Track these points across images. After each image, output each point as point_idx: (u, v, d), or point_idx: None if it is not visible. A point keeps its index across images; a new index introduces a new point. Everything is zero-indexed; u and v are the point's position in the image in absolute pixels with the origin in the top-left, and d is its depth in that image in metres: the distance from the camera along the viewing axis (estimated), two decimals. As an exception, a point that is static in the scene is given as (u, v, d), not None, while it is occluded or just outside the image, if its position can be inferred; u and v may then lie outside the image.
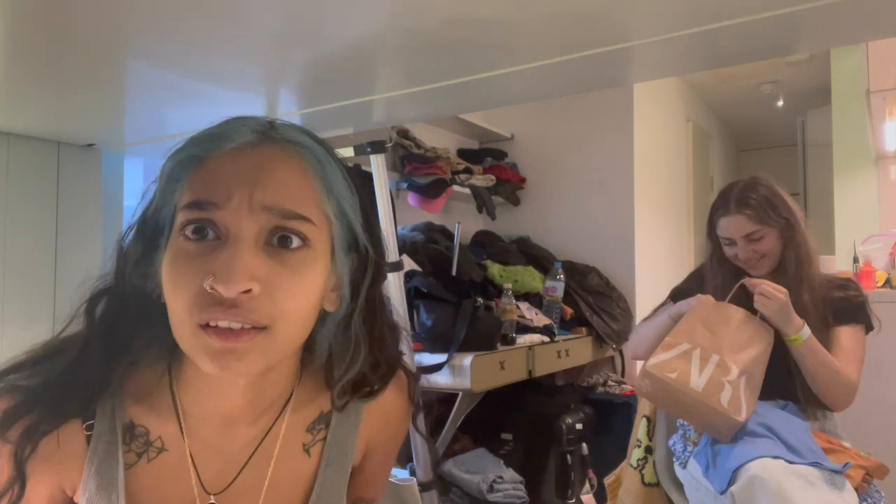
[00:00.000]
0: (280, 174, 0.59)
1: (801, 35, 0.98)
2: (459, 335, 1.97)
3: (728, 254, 1.69)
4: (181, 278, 0.57)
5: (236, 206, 0.57)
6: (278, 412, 0.69)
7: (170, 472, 0.65)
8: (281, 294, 0.57)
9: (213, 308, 0.55)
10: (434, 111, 1.65)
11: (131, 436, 0.65)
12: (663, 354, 1.46)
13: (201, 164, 0.59)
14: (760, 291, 1.53)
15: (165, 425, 0.65)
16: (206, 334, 0.56)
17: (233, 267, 0.55)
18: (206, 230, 0.57)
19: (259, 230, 0.58)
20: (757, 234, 1.61)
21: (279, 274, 0.58)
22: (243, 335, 0.56)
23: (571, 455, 2.49)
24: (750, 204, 1.62)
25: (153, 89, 1.16)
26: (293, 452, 0.70)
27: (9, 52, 0.97)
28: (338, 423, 0.73)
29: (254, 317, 0.56)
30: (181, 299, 0.56)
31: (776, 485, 1.27)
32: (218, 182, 0.58)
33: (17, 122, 1.37)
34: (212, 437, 0.66)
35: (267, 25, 0.90)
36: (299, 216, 0.59)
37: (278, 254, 0.58)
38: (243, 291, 0.55)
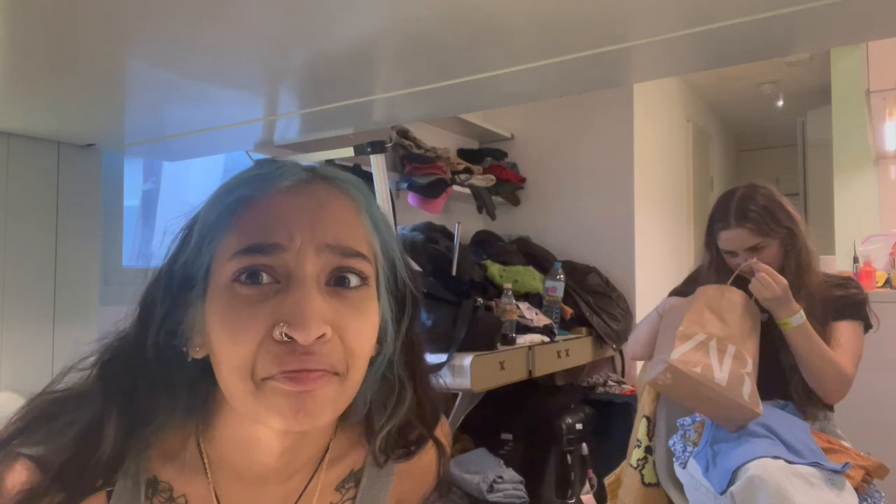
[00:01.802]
0: (337, 212, 0.57)
1: (801, 35, 0.98)
2: (459, 335, 1.97)
3: (730, 264, 1.69)
4: (241, 328, 0.52)
5: (300, 246, 0.53)
6: (312, 471, 0.65)
7: None
8: (350, 336, 0.54)
9: (286, 357, 0.51)
10: (434, 111, 1.65)
11: (153, 491, 0.60)
12: (682, 347, 1.46)
13: (250, 206, 0.55)
14: (759, 278, 1.53)
15: (191, 483, 0.61)
16: (277, 382, 0.51)
17: (306, 311, 0.51)
18: (259, 274, 0.53)
19: (321, 271, 0.54)
20: (759, 246, 1.61)
21: (345, 315, 0.54)
22: (320, 378, 0.52)
23: (571, 455, 2.49)
24: (750, 216, 1.61)
25: (153, 89, 1.16)
26: None
27: (9, 52, 0.97)
28: (369, 484, 0.68)
29: (329, 361, 0.53)
30: (244, 349, 0.52)
31: (776, 485, 1.27)
32: (276, 223, 0.54)
33: (17, 122, 1.37)
34: (241, 496, 0.62)
35: (267, 25, 0.90)
36: (359, 254, 0.56)
37: (339, 294, 0.55)
38: (319, 336, 0.51)
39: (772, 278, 1.52)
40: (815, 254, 1.66)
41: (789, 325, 1.53)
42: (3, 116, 1.32)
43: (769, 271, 1.53)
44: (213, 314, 0.54)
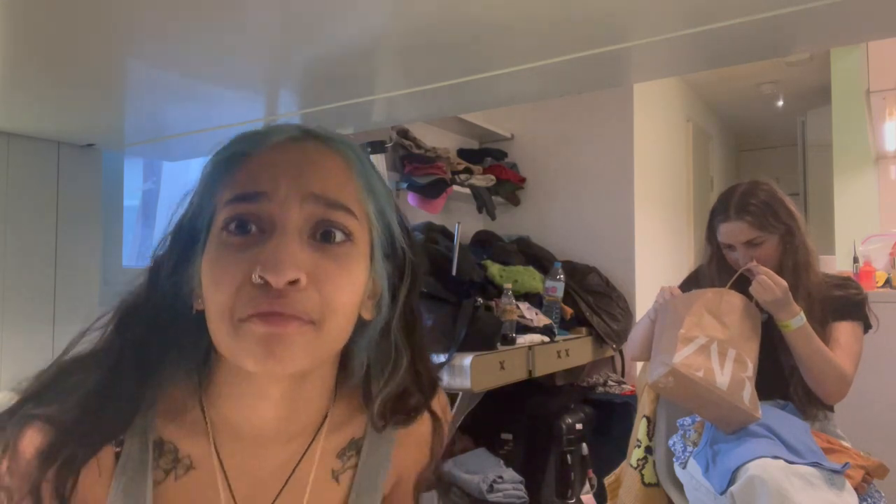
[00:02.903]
0: (325, 165, 0.59)
1: (801, 35, 0.98)
2: (459, 335, 1.97)
3: (728, 258, 1.69)
4: (224, 272, 0.54)
5: (284, 195, 0.56)
6: (312, 435, 0.66)
7: (198, 492, 0.62)
8: (329, 288, 0.55)
9: (259, 299, 0.53)
10: (434, 111, 1.65)
11: (159, 452, 0.62)
12: (684, 350, 1.46)
13: (245, 161, 0.58)
14: (759, 281, 1.53)
15: (195, 442, 0.62)
16: (251, 323, 0.53)
17: (280, 255, 0.53)
18: (249, 225, 0.56)
19: (304, 221, 0.56)
20: (757, 240, 1.61)
21: (325, 267, 0.56)
22: (291, 322, 0.53)
23: (571, 455, 2.48)
24: (750, 210, 1.61)
25: (153, 89, 1.16)
26: (323, 480, 0.67)
27: (9, 52, 0.97)
28: (370, 451, 0.69)
29: (302, 306, 0.54)
30: (224, 293, 0.54)
31: (775, 485, 1.27)
32: (264, 173, 0.57)
33: (17, 122, 1.37)
34: (243, 457, 0.63)
35: (267, 26, 0.90)
36: (344, 207, 0.58)
37: (323, 247, 0.56)
38: (291, 282, 0.53)
39: (772, 281, 1.52)
40: (815, 253, 1.66)
41: (790, 328, 1.53)
42: (3, 116, 1.32)
43: (769, 274, 1.53)
44: (206, 262, 0.57)
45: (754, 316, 1.57)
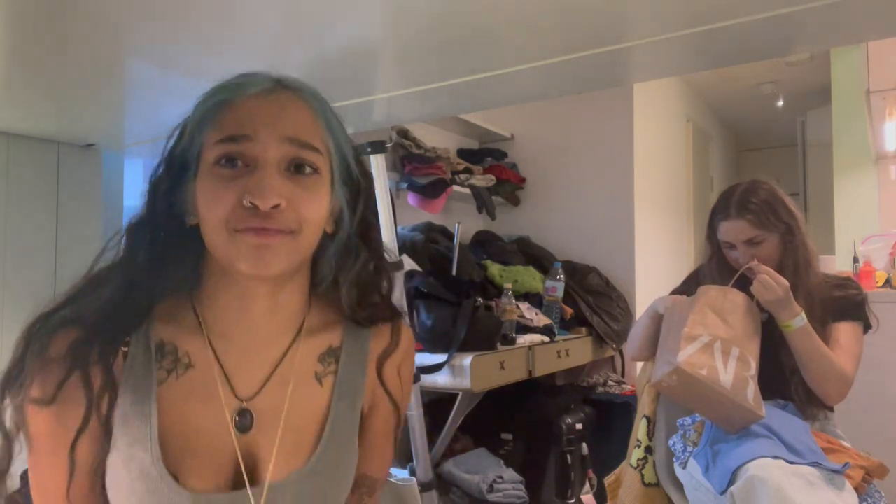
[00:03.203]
0: (295, 112, 0.71)
1: (801, 35, 0.98)
2: (459, 335, 1.97)
3: (728, 257, 1.69)
4: (219, 196, 0.67)
5: (263, 138, 0.68)
6: (293, 337, 0.78)
7: (197, 387, 0.72)
8: (301, 206, 0.69)
9: (250, 218, 0.66)
10: (434, 111, 1.65)
11: (162, 353, 0.73)
12: (688, 348, 1.45)
13: (229, 107, 0.70)
14: (761, 280, 1.53)
15: (192, 341, 0.73)
16: (244, 234, 0.67)
17: (265, 185, 0.66)
18: (236, 160, 0.68)
19: (281, 158, 0.69)
20: (757, 238, 1.61)
21: (298, 193, 0.69)
22: (276, 235, 0.67)
23: (571, 455, 2.48)
24: (751, 208, 1.61)
25: (153, 89, 1.16)
26: (307, 379, 0.78)
27: (9, 52, 0.97)
28: (347, 359, 0.81)
29: (284, 223, 0.68)
30: (219, 212, 0.67)
31: (775, 485, 1.27)
32: (246, 119, 0.69)
33: (17, 122, 1.37)
34: (234, 354, 0.74)
35: (267, 26, 0.90)
36: (312, 146, 0.71)
37: (295, 178, 0.70)
38: (273, 206, 0.66)
39: (774, 280, 1.52)
40: (815, 253, 1.66)
41: (791, 328, 1.53)
42: (3, 116, 1.32)
43: (771, 273, 1.53)
44: (201, 187, 0.69)
45: (756, 315, 1.57)
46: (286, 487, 0.72)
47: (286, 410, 0.74)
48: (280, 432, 0.74)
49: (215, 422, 0.72)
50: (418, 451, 1.83)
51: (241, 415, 0.73)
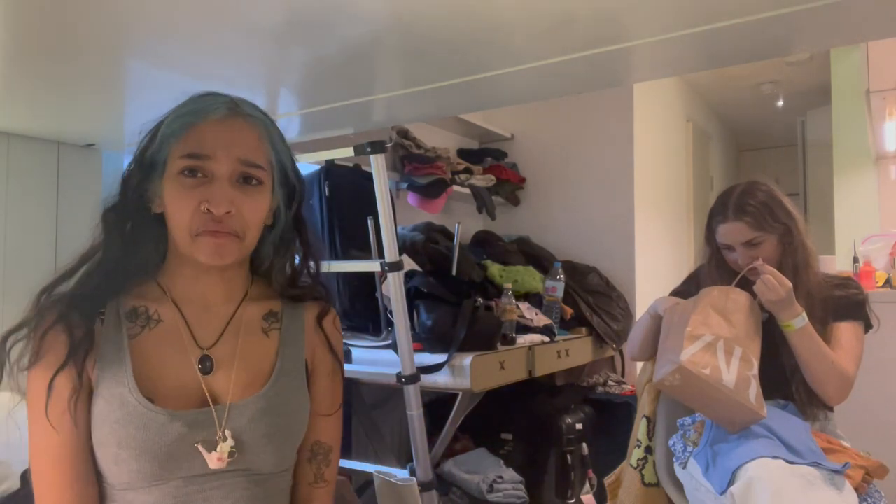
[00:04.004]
0: (245, 138, 0.90)
1: (801, 35, 0.98)
2: (459, 335, 1.97)
3: (728, 259, 1.69)
4: (183, 201, 0.87)
5: (220, 157, 0.87)
6: (239, 301, 0.98)
7: (167, 336, 0.92)
8: (246, 213, 0.89)
9: (207, 222, 0.86)
10: (434, 111, 1.65)
11: (135, 315, 0.92)
12: (691, 347, 1.45)
13: (192, 128, 0.88)
14: (765, 280, 1.53)
15: (160, 305, 0.93)
16: (203, 237, 0.86)
17: (218, 196, 0.86)
18: (197, 172, 0.87)
19: (231, 173, 0.88)
20: (756, 240, 1.61)
21: (245, 201, 0.89)
22: (228, 237, 0.88)
23: (571, 455, 2.48)
24: (748, 210, 1.61)
25: (153, 89, 1.16)
26: (255, 331, 0.97)
27: (9, 52, 0.97)
28: (287, 321, 1.00)
29: (232, 227, 0.88)
30: (184, 214, 0.86)
31: (775, 485, 1.27)
32: (207, 142, 0.87)
33: (18, 122, 1.37)
34: (195, 313, 0.94)
35: (267, 26, 0.90)
36: (257, 165, 0.90)
37: (243, 188, 0.89)
38: (226, 212, 0.86)
39: (777, 281, 1.51)
40: (815, 253, 1.66)
41: (792, 328, 1.53)
42: (4, 116, 1.32)
43: (775, 273, 1.53)
44: (168, 190, 0.88)
45: (758, 315, 1.57)
46: (244, 407, 0.90)
47: (239, 354, 0.93)
48: (235, 370, 0.92)
49: (183, 365, 0.90)
50: (418, 451, 1.83)
51: (202, 361, 0.91)
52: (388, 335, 2.08)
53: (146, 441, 0.83)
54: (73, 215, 1.53)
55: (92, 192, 1.57)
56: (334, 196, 2.13)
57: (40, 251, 1.49)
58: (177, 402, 0.87)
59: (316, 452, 1.01)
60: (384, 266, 1.75)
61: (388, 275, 1.75)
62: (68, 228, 1.52)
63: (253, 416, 0.90)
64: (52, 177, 1.51)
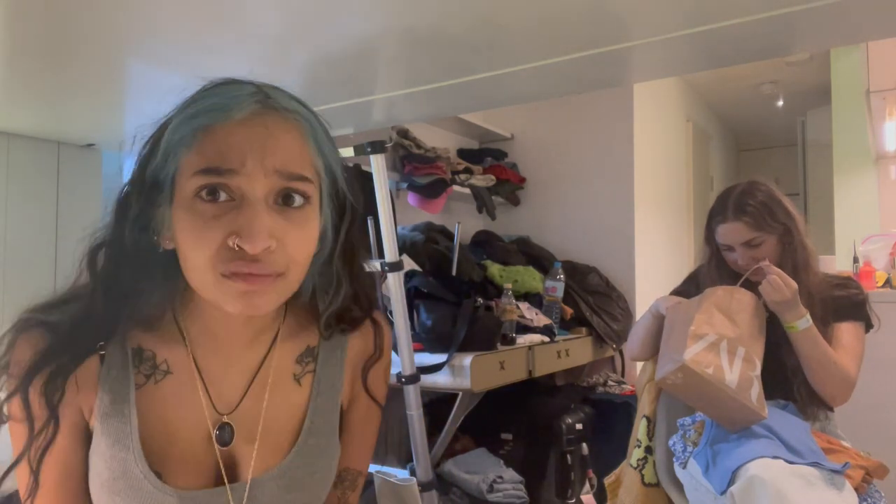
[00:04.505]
0: (284, 141, 0.66)
1: (801, 35, 0.98)
2: (459, 335, 1.97)
3: (727, 259, 1.69)
4: (203, 235, 0.63)
5: (251, 170, 0.63)
6: (270, 344, 0.78)
7: (176, 394, 0.73)
8: (291, 246, 0.65)
9: (237, 262, 0.63)
10: (434, 111, 1.65)
11: (140, 359, 0.72)
12: (694, 346, 1.45)
13: (209, 132, 0.64)
14: (771, 281, 1.52)
15: (171, 350, 0.73)
16: (232, 280, 0.63)
17: (254, 227, 0.62)
18: (218, 192, 0.63)
19: (269, 191, 0.64)
20: (755, 240, 1.60)
21: (289, 230, 0.65)
22: (266, 279, 0.64)
23: (571, 455, 2.48)
24: (748, 211, 1.61)
25: (153, 89, 1.16)
26: (285, 381, 0.78)
27: (9, 52, 0.97)
28: (325, 357, 0.81)
29: (273, 267, 0.64)
30: (204, 253, 0.63)
31: (775, 485, 1.27)
32: (231, 150, 0.63)
33: (18, 122, 1.37)
34: (214, 362, 0.74)
35: (267, 26, 0.90)
36: (302, 177, 0.66)
37: (285, 211, 0.65)
38: (265, 248, 0.63)
39: (783, 281, 1.51)
40: (814, 253, 1.66)
41: (796, 329, 1.53)
42: (4, 116, 1.32)
43: (781, 274, 1.52)
44: (180, 220, 0.65)
45: (762, 315, 1.57)
46: (266, 483, 0.74)
47: (265, 416, 0.76)
48: (259, 437, 0.75)
49: (196, 431, 0.73)
50: (418, 451, 1.83)
51: (220, 429, 0.73)
52: (388, 335, 2.07)
53: None
54: (73, 215, 1.53)
55: (92, 192, 1.57)
56: (334, 196, 2.12)
57: (40, 251, 1.48)
58: (187, 479, 0.71)
59: (343, 478, 0.85)
60: (384, 266, 1.75)
61: (388, 275, 1.76)
62: (68, 228, 1.52)
63: (274, 494, 0.74)
64: (52, 177, 1.51)
